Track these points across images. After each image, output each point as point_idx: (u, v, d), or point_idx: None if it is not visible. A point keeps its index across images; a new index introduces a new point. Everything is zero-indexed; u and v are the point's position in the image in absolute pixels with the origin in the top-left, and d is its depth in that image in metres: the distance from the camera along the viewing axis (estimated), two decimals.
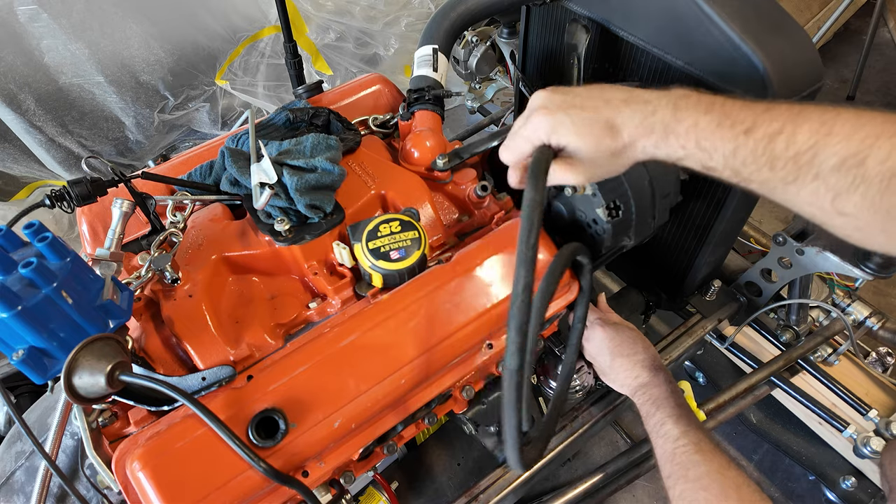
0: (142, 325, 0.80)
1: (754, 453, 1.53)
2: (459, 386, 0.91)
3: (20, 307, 0.57)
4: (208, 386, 0.72)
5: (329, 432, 0.73)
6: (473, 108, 2.10)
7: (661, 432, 0.83)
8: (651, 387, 0.90)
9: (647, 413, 0.88)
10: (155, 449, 0.67)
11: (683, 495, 0.76)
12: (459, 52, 1.93)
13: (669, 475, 0.79)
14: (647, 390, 0.90)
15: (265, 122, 0.98)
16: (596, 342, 0.99)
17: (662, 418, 0.84)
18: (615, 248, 0.95)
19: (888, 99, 2.57)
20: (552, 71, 1.30)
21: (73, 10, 1.65)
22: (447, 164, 0.93)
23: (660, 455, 0.83)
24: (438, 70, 1.03)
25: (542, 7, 1.21)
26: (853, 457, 1.25)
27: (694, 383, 1.55)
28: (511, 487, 1.05)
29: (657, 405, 0.86)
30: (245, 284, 0.86)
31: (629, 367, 0.94)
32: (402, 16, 2.18)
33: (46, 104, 1.75)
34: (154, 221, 0.85)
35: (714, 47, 0.89)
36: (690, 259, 1.16)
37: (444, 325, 0.81)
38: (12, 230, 0.63)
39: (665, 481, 0.80)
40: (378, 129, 1.06)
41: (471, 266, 0.85)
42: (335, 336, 0.78)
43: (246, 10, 1.96)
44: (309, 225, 0.85)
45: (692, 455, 0.78)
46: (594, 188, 0.86)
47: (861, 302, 1.31)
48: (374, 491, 1.20)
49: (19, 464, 0.94)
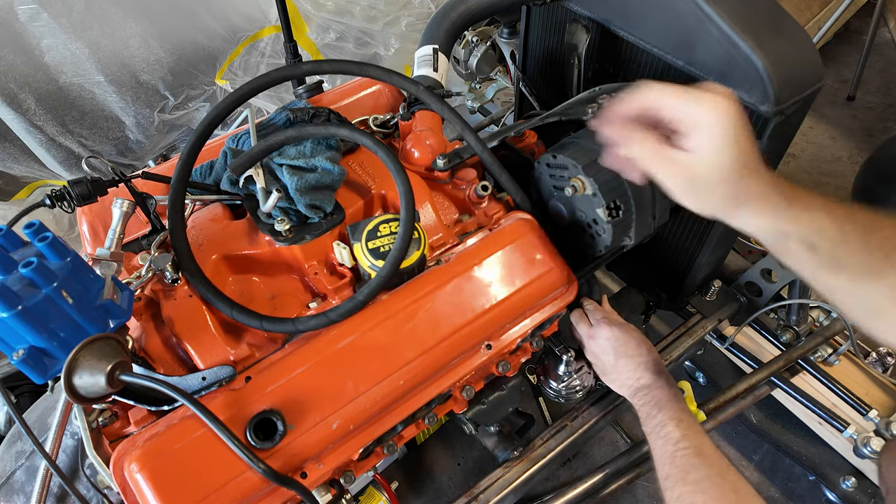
0: (142, 324, 0.80)
1: (754, 453, 1.53)
2: (459, 386, 0.92)
3: (20, 307, 0.57)
4: (208, 386, 0.72)
5: (328, 433, 0.73)
6: (474, 108, 2.10)
7: (660, 434, 0.83)
8: (653, 389, 0.90)
9: (647, 414, 0.88)
10: (153, 450, 0.67)
11: (682, 498, 0.75)
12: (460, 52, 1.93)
13: (668, 476, 0.79)
14: (648, 392, 0.90)
15: (265, 122, 0.98)
16: (601, 340, 0.98)
17: (663, 420, 0.84)
18: (615, 248, 0.95)
19: (888, 99, 2.57)
20: (553, 71, 1.30)
21: (73, 9, 1.65)
22: (447, 164, 0.93)
23: (658, 457, 0.82)
24: (439, 70, 1.03)
25: (542, 7, 1.21)
26: (853, 457, 1.25)
27: (694, 383, 1.55)
28: (511, 487, 1.05)
29: (658, 407, 0.86)
30: (245, 284, 0.86)
31: (633, 367, 0.94)
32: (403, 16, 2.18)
33: (46, 104, 1.74)
34: (154, 221, 0.85)
35: (714, 47, 0.89)
36: (690, 259, 1.16)
37: (444, 326, 0.81)
38: (12, 230, 0.63)
39: (662, 483, 0.80)
40: (378, 129, 1.06)
41: (470, 266, 0.85)
42: (334, 337, 0.78)
43: (246, 10, 1.96)
44: (309, 225, 0.85)
45: (692, 458, 0.78)
46: (594, 188, 0.86)
47: None
48: (374, 491, 1.20)
49: (19, 463, 0.94)
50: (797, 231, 0.61)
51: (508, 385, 1.00)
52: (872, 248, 0.59)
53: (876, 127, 2.46)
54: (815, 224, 0.60)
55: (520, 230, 0.89)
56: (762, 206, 0.61)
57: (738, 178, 0.60)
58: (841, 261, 0.60)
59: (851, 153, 2.38)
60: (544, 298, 0.90)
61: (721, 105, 0.59)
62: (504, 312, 0.85)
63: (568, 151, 0.89)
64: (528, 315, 0.90)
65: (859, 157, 2.36)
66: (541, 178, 0.98)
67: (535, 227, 0.91)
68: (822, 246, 0.60)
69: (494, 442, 1.09)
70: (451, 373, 0.84)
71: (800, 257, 0.62)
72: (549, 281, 0.89)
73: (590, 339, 1.01)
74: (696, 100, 0.60)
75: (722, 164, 0.60)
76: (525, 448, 1.09)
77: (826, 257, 0.60)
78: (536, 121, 0.98)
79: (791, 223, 0.61)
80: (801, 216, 0.61)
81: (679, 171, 0.63)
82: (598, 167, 0.86)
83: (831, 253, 0.60)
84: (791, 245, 0.62)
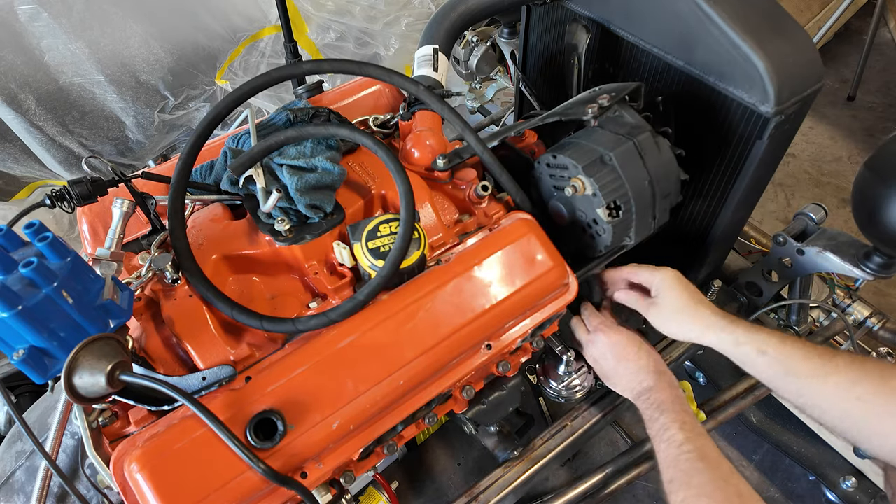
0: (142, 324, 0.80)
1: (754, 453, 1.53)
2: (459, 386, 0.92)
3: (20, 307, 0.57)
4: (208, 386, 0.72)
5: (328, 434, 0.73)
6: (474, 108, 2.10)
7: (664, 437, 0.83)
8: (655, 391, 0.90)
9: (650, 417, 0.88)
10: (153, 450, 0.67)
11: (686, 502, 0.75)
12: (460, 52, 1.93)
13: (671, 480, 0.79)
14: (650, 395, 0.90)
15: (265, 122, 0.98)
16: (600, 346, 0.99)
17: (666, 423, 0.84)
18: (615, 248, 0.95)
19: (888, 99, 2.57)
20: (553, 71, 1.30)
21: (73, 9, 1.65)
22: (447, 163, 0.93)
23: (662, 460, 0.83)
24: (439, 70, 1.03)
25: (542, 7, 1.21)
26: (853, 457, 1.25)
27: (694, 383, 1.55)
28: (511, 487, 1.05)
29: (661, 410, 0.86)
30: (245, 284, 0.86)
31: (633, 371, 0.94)
32: (403, 16, 2.18)
33: (47, 104, 1.74)
34: (154, 221, 0.85)
35: (714, 47, 0.89)
36: (691, 259, 1.16)
37: (444, 326, 0.81)
38: (13, 230, 0.63)
39: (666, 486, 0.80)
40: (378, 129, 1.06)
41: (470, 266, 0.85)
42: (334, 337, 0.77)
43: (246, 10, 1.96)
44: (309, 225, 0.85)
45: (696, 462, 0.78)
46: (594, 188, 0.86)
47: (861, 302, 1.31)
48: (374, 491, 1.20)
49: (20, 463, 0.94)
50: (748, 340, 0.83)
51: (508, 385, 1.00)
52: (812, 354, 0.78)
53: (876, 127, 2.46)
54: (762, 336, 0.82)
55: (520, 230, 0.89)
56: (720, 324, 0.86)
57: (694, 309, 0.88)
58: (790, 366, 0.79)
59: (851, 153, 2.38)
60: (544, 298, 0.90)
61: (670, 272, 0.93)
62: (504, 312, 0.85)
63: (568, 151, 0.89)
64: (529, 315, 0.90)
65: (859, 157, 2.36)
66: (541, 178, 0.98)
67: (535, 227, 0.91)
68: (770, 351, 0.81)
69: (494, 442, 1.09)
70: (451, 373, 0.84)
71: (755, 361, 0.82)
72: (550, 281, 0.89)
73: (589, 344, 1.01)
74: (655, 271, 0.94)
75: (678, 302, 0.90)
76: (525, 448, 1.09)
77: (774, 360, 0.80)
78: (536, 121, 0.98)
79: (742, 335, 0.84)
80: (749, 330, 0.84)
81: (653, 310, 0.93)
82: (599, 167, 0.86)
83: (778, 357, 0.80)
84: (746, 350, 0.83)
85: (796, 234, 1.12)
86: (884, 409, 0.71)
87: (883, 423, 0.71)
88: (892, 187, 0.85)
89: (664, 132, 0.93)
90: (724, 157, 0.99)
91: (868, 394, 0.72)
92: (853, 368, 0.75)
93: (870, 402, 0.72)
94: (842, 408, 0.75)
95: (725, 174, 1.01)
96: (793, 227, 1.14)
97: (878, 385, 0.72)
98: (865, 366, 0.75)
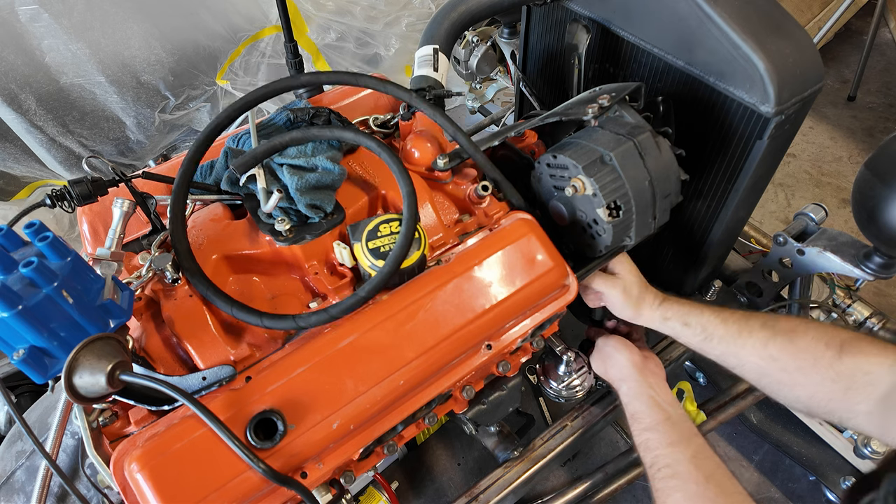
0: (142, 324, 0.80)
1: (755, 454, 1.53)
2: (460, 386, 0.92)
3: (21, 307, 0.57)
4: (209, 386, 0.72)
5: (328, 433, 0.73)
6: (474, 109, 2.10)
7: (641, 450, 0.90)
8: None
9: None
10: (153, 450, 0.67)
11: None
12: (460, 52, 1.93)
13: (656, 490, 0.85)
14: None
15: (265, 122, 0.98)
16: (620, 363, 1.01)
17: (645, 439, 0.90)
18: (615, 248, 0.95)
19: (889, 99, 2.57)
20: (553, 71, 1.30)
21: (73, 10, 1.65)
22: (447, 164, 0.93)
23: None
24: (439, 70, 1.03)
25: (542, 7, 1.21)
26: (853, 457, 1.25)
27: (694, 383, 1.55)
28: (511, 487, 1.05)
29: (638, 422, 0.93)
30: (245, 284, 0.86)
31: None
32: (403, 16, 2.18)
33: (47, 104, 1.75)
34: (155, 221, 0.85)
35: (714, 47, 0.89)
36: (691, 259, 1.16)
37: (444, 326, 0.81)
38: (13, 230, 0.63)
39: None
40: (378, 129, 1.06)
41: (470, 266, 0.85)
42: (334, 337, 0.78)
43: (246, 10, 1.96)
44: (309, 225, 0.85)
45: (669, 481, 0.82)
46: (595, 188, 0.86)
47: (861, 302, 1.31)
48: (374, 491, 1.20)
49: (20, 463, 0.94)
50: (673, 314, 0.93)
51: (508, 385, 1.00)
52: (729, 320, 0.88)
53: (876, 127, 2.46)
54: (685, 308, 0.93)
55: (520, 230, 0.89)
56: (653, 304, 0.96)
57: (644, 287, 0.98)
58: (710, 332, 0.89)
59: (851, 153, 2.38)
60: (544, 298, 0.90)
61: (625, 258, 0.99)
62: (504, 312, 0.85)
63: (568, 151, 0.89)
64: (529, 315, 0.90)
65: (859, 157, 2.36)
66: (541, 178, 0.98)
67: (535, 227, 0.91)
68: (692, 321, 0.91)
69: (494, 442, 1.09)
70: (451, 373, 0.84)
71: (681, 332, 0.93)
72: (550, 281, 0.89)
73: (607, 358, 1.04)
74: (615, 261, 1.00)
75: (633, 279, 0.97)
76: (525, 448, 1.09)
77: (697, 328, 0.90)
78: (536, 121, 0.98)
79: (668, 311, 0.94)
80: (674, 304, 0.94)
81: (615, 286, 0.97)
82: (599, 167, 0.86)
83: (700, 325, 0.90)
84: (672, 324, 0.93)
85: (796, 234, 1.12)
86: (793, 365, 0.80)
87: (793, 377, 0.80)
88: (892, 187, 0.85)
89: (664, 132, 0.93)
90: (724, 157, 0.99)
91: (779, 352, 0.82)
92: (766, 329, 0.84)
93: (780, 359, 0.81)
94: (758, 365, 0.84)
95: (725, 174, 1.01)
96: (793, 227, 1.14)
97: (786, 344, 0.81)
98: (777, 326, 0.84)
